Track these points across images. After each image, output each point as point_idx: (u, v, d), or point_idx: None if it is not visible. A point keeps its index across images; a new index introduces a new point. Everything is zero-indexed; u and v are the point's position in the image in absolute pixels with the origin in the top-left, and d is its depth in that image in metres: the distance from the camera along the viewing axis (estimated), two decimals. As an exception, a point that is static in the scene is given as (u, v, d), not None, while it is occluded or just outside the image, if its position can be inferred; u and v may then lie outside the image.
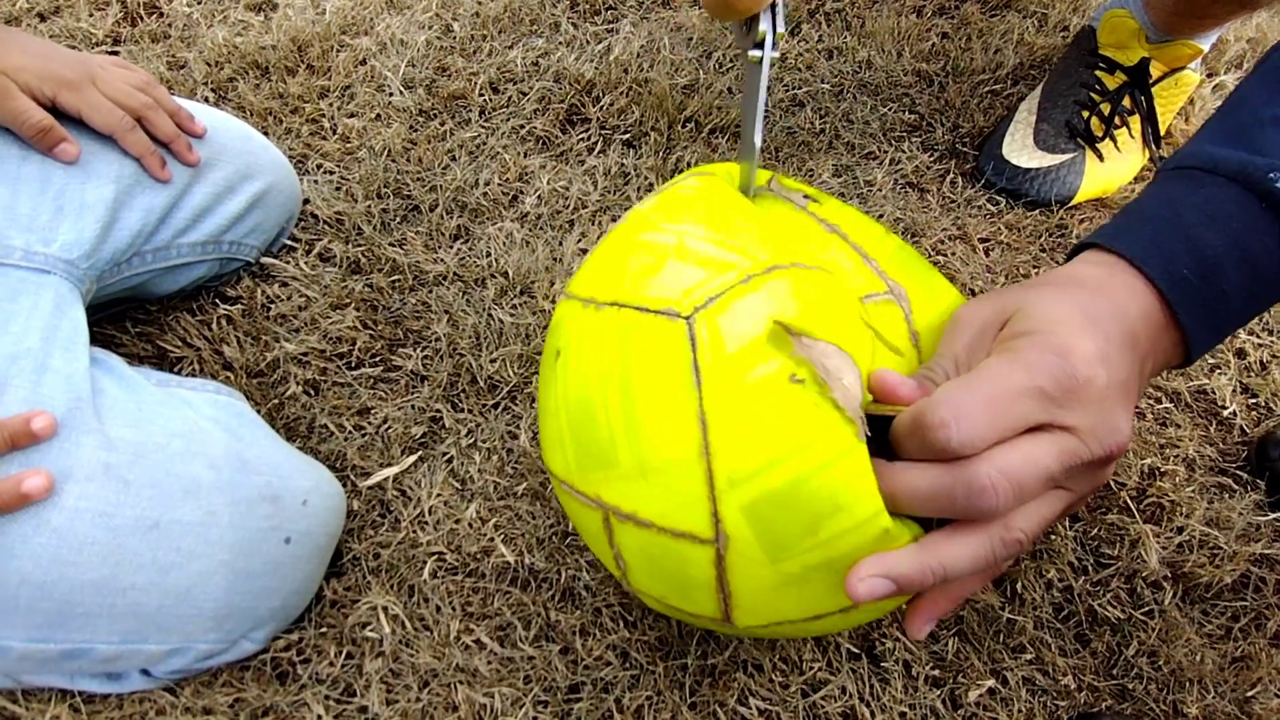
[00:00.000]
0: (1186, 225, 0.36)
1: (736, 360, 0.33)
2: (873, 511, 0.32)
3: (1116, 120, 0.80)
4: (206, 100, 0.83)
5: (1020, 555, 0.33)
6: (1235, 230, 0.35)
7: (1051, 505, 0.34)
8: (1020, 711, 0.55)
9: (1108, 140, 0.80)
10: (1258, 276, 0.35)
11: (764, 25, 0.38)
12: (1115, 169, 0.81)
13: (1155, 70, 0.80)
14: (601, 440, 0.36)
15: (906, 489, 0.32)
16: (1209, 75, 0.93)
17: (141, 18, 0.91)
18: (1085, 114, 0.81)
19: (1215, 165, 0.37)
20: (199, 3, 0.93)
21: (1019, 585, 0.59)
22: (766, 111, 0.85)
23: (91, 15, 0.91)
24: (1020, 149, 0.81)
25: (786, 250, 0.37)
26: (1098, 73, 0.82)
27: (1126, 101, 0.81)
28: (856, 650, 0.56)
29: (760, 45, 0.39)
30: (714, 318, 0.34)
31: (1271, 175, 0.35)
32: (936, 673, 0.56)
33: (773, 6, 0.38)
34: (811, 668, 0.55)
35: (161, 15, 0.92)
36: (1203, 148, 0.38)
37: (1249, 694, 0.56)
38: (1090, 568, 0.60)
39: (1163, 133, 0.83)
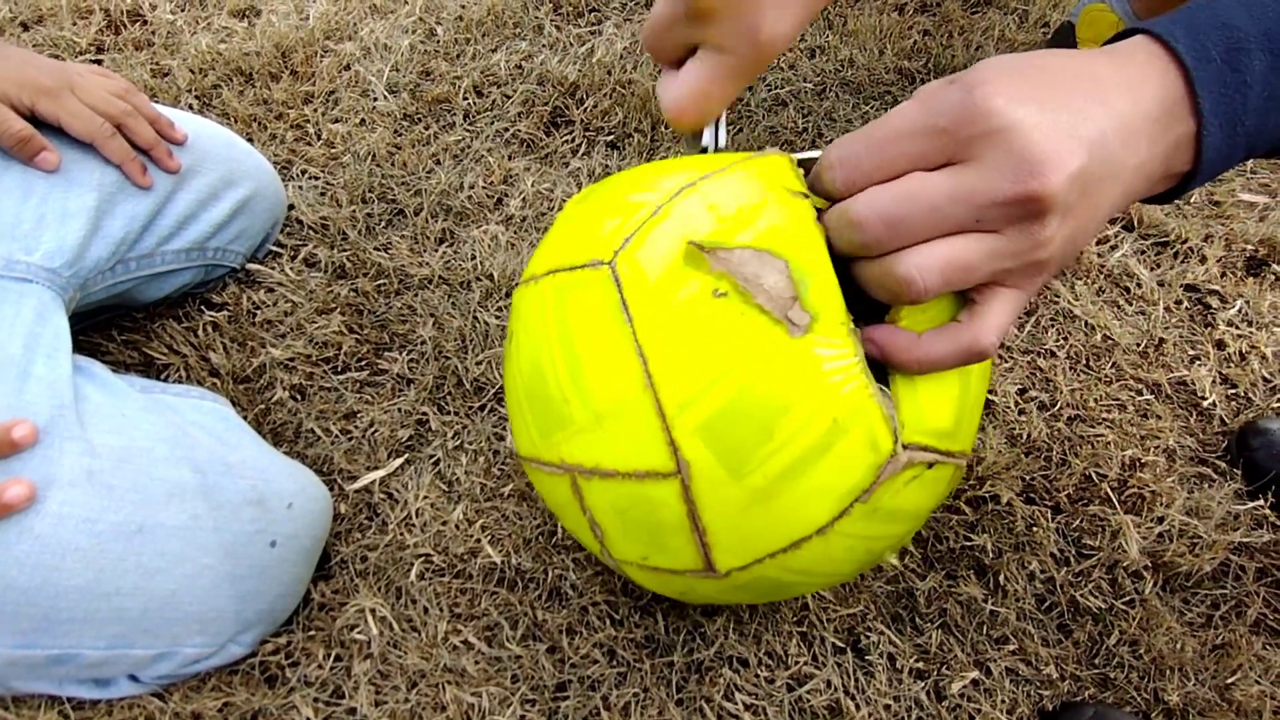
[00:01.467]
0: (1220, 8, 0.33)
1: (659, 288, 0.34)
2: (817, 404, 0.33)
3: (1095, 115, 0.81)
4: (190, 107, 0.83)
5: (988, 351, 0.33)
6: (1270, 18, 0.33)
7: (1006, 304, 0.33)
8: (1004, 701, 0.55)
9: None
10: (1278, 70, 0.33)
11: (706, 139, 0.42)
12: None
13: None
14: (555, 401, 0.37)
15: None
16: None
17: (125, 26, 0.91)
18: (1064, 110, 0.81)
19: None
20: (182, 10, 0.93)
21: (1001, 577, 0.59)
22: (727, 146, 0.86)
23: (75, 24, 0.91)
24: (1001, 145, 0.82)
25: (708, 163, 0.39)
26: (1076, 68, 0.83)
27: (1105, 97, 0.82)
28: (841, 644, 0.57)
29: (703, 152, 0.42)
30: (632, 254, 0.35)
31: None
32: (920, 664, 0.56)
33: (716, 122, 0.41)
34: (797, 662, 0.55)
35: (145, 23, 0.92)
36: None
37: (1229, 680, 0.57)
38: (1072, 559, 0.61)
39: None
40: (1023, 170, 0.29)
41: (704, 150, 0.42)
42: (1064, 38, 0.86)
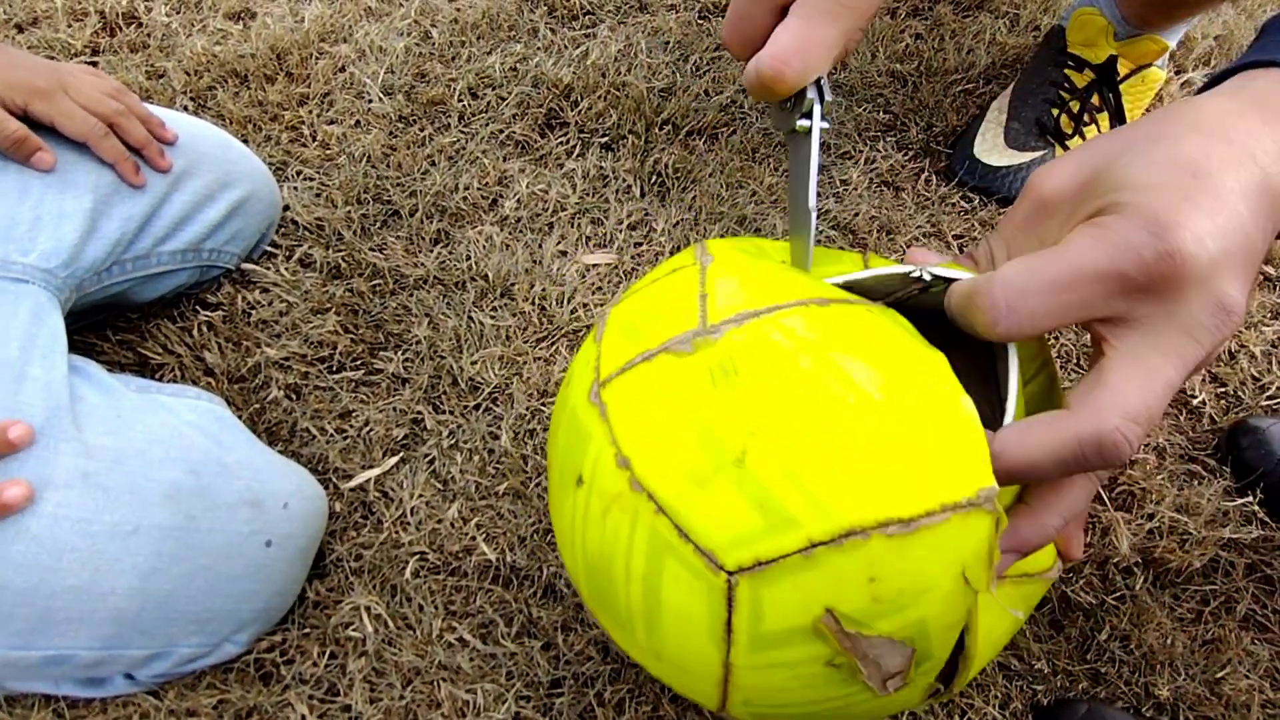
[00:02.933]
0: None
1: (773, 638, 0.30)
2: None
3: (1086, 117, 0.82)
4: (185, 109, 0.84)
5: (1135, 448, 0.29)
6: None
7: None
8: (996, 697, 0.56)
9: (1077, 137, 0.82)
10: None
11: (811, 94, 0.35)
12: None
13: (1123, 68, 0.82)
14: (619, 608, 0.33)
15: (1025, 462, 0.29)
16: (1177, 72, 0.94)
17: (120, 28, 0.91)
18: (1055, 111, 0.82)
19: None
20: (177, 12, 0.93)
21: (993, 574, 0.60)
22: (819, 189, 0.81)
23: (70, 26, 0.91)
24: (991, 148, 0.82)
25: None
26: (1067, 71, 0.84)
27: (1095, 99, 0.82)
28: (835, 641, 0.57)
29: (809, 115, 0.36)
30: (758, 589, 0.29)
31: None
32: (913, 661, 0.57)
33: (819, 81, 0.36)
34: (790, 659, 0.56)
35: (140, 25, 0.92)
36: None
37: (1219, 675, 0.57)
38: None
39: (1131, 128, 0.85)
40: (1215, 324, 0.27)
41: (808, 113, 0.36)
42: (1054, 41, 0.86)
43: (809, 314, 0.31)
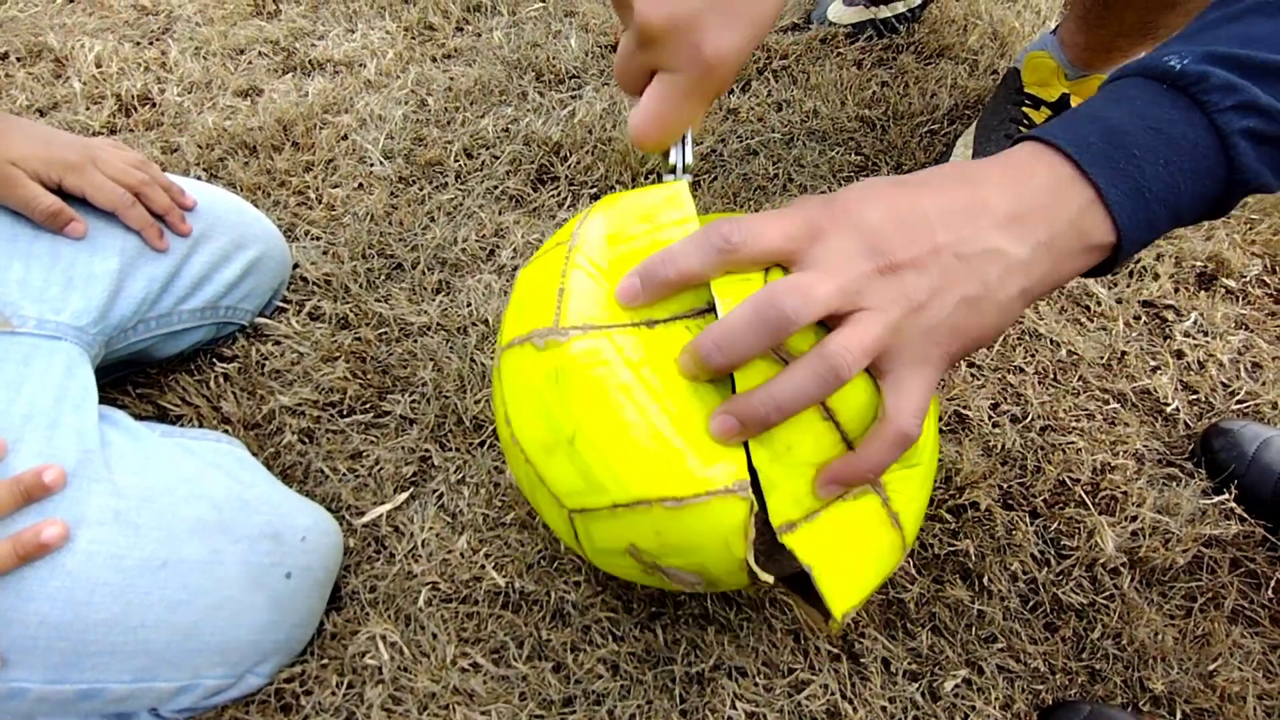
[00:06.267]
0: (1093, 110, 0.38)
1: (603, 552, 0.43)
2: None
3: (1044, 149, 0.87)
4: (199, 179, 0.88)
5: (846, 368, 0.35)
6: (1138, 106, 0.37)
7: (862, 324, 0.36)
8: (997, 698, 0.57)
9: (1038, 168, 0.87)
10: (1170, 144, 0.36)
11: (673, 157, 0.45)
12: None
13: (1075, 103, 0.88)
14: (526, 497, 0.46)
15: (879, 465, 0.38)
16: (1129, 106, 1.00)
17: (135, 108, 0.97)
18: (1015, 145, 0.87)
19: (1120, 72, 0.40)
20: (189, 92, 1.00)
21: (985, 579, 0.62)
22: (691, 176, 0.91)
23: (88, 109, 0.97)
24: (959, 181, 0.87)
25: None
26: (1024, 109, 0.89)
27: (1052, 132, 0.88)
28: (836, 650, 0.59)
29: (673, 172, 0.45)
30: (586, 524, 0.42)
31: (1166, 58, 0.37)
32: (914, 666, 0.58)
33: (682, 141, 0.45)
34: (793, 669, 0.58)
35: (154, 105, 0.98)
36: (1115, 70, 0.41)
37: (1211, 668, 0.59)
38: (1052, 559, 0.64)
39: (1089, 158, 0.90)
40: (867, 245, 0.36)
41: (673, 170, 0.45)
42: (1011, 82, 0.93)
43: (639, 335, 0.39)
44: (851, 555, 0.40)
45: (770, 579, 0.39)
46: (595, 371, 0.39)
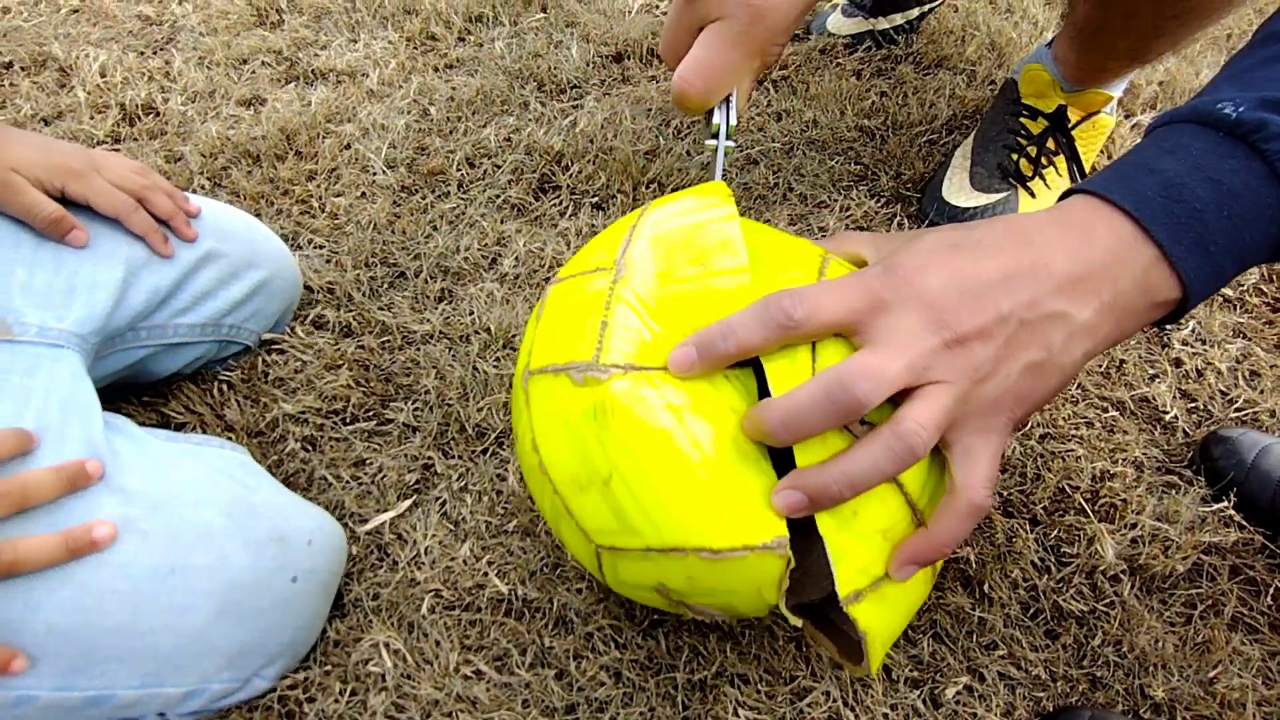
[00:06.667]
0: (1147, 160, 0.37)
1: (627, 584, 0.43)
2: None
3: (1043, 160, 0.88)
4: (202, 188, 0.89)
5: (922, 445, 0.35)
6: (1194, 155, 0.36)
7: (933, 398, 0.35)
8: (999, 705, 0.58)
9: (1037, 179, 0.88)
10: (1231, 195, 0.35)
11: (717, 118, 0.43)
12: (1046, 203, 0.88)
13: (1073, 115, 0.88)
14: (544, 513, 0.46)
15: (952, 540, 0.37)
16: (1126, 116, 1.01)
17: (139, 118, 0.98)
18: (1014, 156, 0.88)
19: (1170, 118, 0.39)
20: (193, 102, 1.00)
21: (986, 586, 0.62)
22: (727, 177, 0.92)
23: (93, 118, 0.97)
24: (959, 191, 0.88)
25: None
26: (1022, 119, 0.90)
27: (1050, 144, 0.89)
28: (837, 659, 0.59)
29: (715, 135, 0.44)
30: (614, 560, 0.42)
31: (1220, 104, 0.36)
32: (915, 674, 0.59)
33: (725, 101, 0.43)
34: (795, 676, 0.58)
35: (158, 115, 0.99)
36: (1162, 114, 0.40)
37: (1211, 675, 0.59)
38: (1052, 566, 0.64)
39: (1087, 169, 0.91)
40: (931, 319, 0.35)
41: (715, 135, 0.43)
42: (1009, 93, 0.93)
43: (682, 380, 0.38)
44: (902, 616, 0.40)
45: (800, 623, 0.39)
46: (637, 413, 0.38)
